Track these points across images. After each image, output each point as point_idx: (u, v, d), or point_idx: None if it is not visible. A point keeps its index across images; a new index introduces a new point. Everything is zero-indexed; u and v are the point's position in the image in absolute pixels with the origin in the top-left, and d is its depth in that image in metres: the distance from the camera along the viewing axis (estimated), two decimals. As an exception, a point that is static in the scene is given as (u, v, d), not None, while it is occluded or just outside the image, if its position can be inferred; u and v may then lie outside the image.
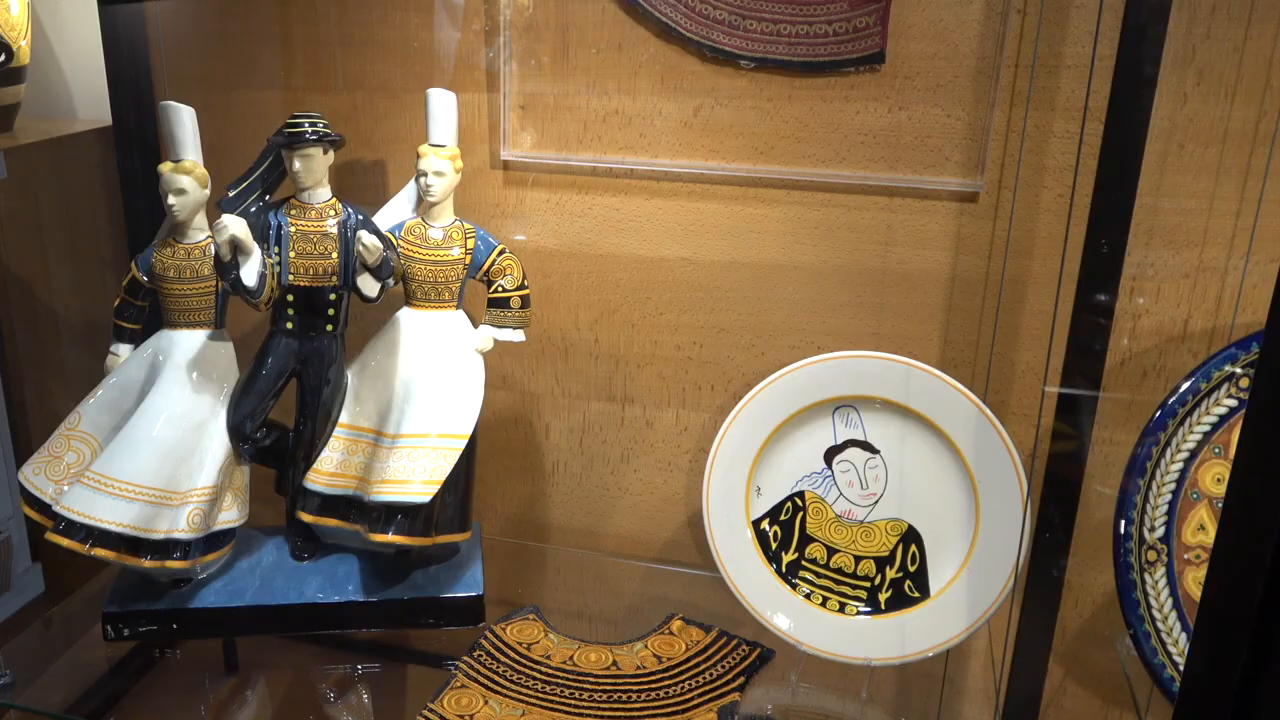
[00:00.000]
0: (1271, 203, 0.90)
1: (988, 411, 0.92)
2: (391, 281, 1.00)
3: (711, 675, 1.00)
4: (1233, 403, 0.85)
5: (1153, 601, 0.85)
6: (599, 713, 0.96)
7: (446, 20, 1.09)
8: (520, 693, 0.99)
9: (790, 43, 1.00)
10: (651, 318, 1.11)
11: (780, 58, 1.00)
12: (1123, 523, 0.84)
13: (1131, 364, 0.97)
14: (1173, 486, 0.85)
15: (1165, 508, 0.84)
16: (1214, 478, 0.85)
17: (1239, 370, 0.84)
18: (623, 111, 1.07)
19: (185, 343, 1.02)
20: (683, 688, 0.99)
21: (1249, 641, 0.63)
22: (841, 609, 0.98)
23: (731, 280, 1.08)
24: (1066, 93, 0.93)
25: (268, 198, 1.01)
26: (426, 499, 0.98)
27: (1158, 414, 0.85)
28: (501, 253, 1.03)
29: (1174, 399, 0.84)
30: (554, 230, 1.12)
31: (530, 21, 1.07)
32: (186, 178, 0.98)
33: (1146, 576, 0.84)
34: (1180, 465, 0.85)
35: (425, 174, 1.00)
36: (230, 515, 1.02)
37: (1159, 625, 0.85)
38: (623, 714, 0.96)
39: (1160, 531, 0.84)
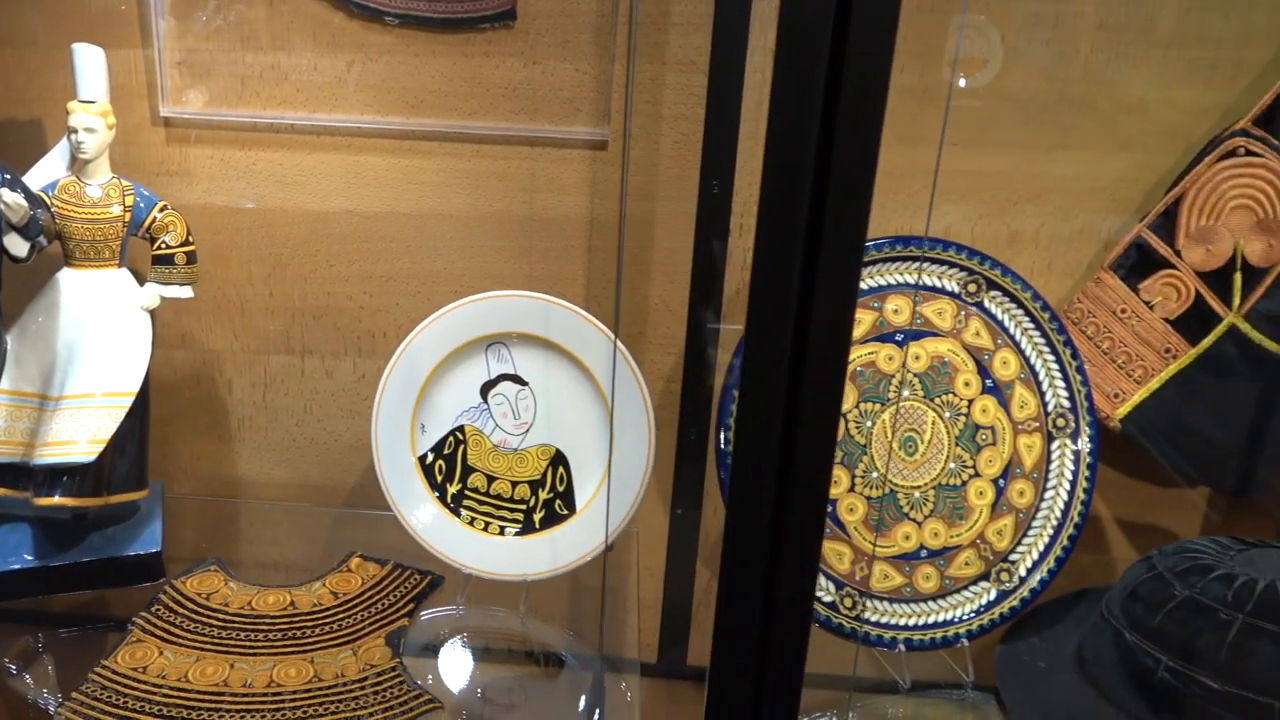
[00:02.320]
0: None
1: (617, 341, 1.01)
2: (43, 240, 0.99)
3: (383, 605, 1.05)
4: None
5: (753, 499, 0.96)
6: (273, 651, 1.00)
7: (100, -27, 1.08)
8: (196, 640, 1.01)
9: (430, 0, 1.04)
10: (322, 270, 1.14)
11: (422, 14, 1.05)
12: (722, 431, 0.95)
13: (745, 293, 1.08)
14: (765, 396, 0.96)
15: (759, 415, 0.95)
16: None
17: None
18: (279, 67, 1.09)
19: None
20: (355, 619, 1.04)
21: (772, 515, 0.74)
22: (501, 531, 1.05)
23: (394, 230, 1.12)
24: (675, 47, 1.02)
25: (-99, 159, 0.98)
26: (91, 458, 0.99)
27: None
28: (163, 209, 1.03)
29: (762, 319, 0.96)
30: (220, 186, 1.13)
31: (182, -24, 1.07)
32: None
33: (746, 477, 0.96)
34: (770, 377, 0.96)
35: (76, 131, 0.99)
36: (-117, 492, 0.99)
37: (759, 519, 0.96)
38: (295, 649, 1.00)
39: (756, 437, 0.95)
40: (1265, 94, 0.99)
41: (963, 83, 1.07)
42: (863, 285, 0.97)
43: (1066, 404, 0.99)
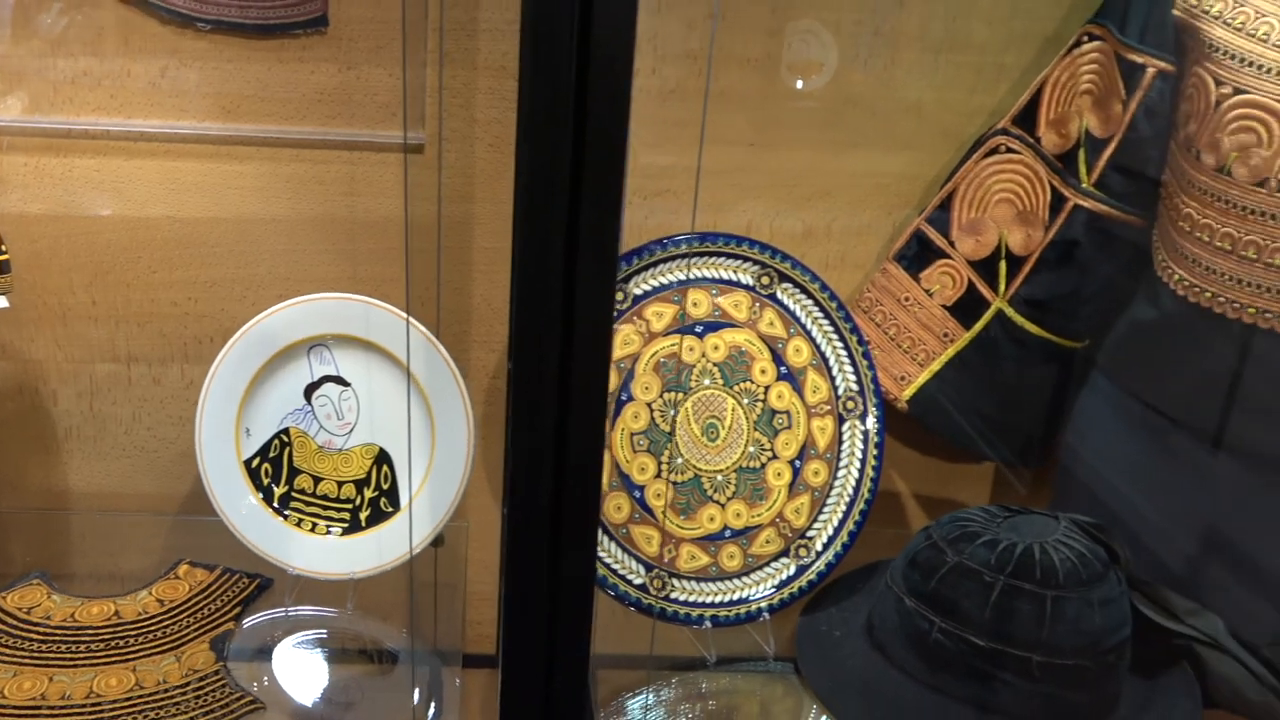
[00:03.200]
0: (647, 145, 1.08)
1: (434, 340, 1.03)
2: None
3: (210, 610, 1.06)
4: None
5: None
6: (94, 661, 0.99)
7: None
8: (14, 655, 1.00)
9: (241, 6, 1.05)
10: (145, 276, 1.14)
11: (234, 20, 1.05)
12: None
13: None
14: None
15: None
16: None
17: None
18: (92, 73, 1.08)
19: None
20: (181, 625, 1.04)
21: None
22: (329, 531, 1.07)
23: (217, 235, 1.13)
24: (485, 53, 1.05)
25: None
26: (-101, 474, 0.97)
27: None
28: (-27, 219, 1.02)
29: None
30: (36, 194, 1.11)
31: (-15, -18, 1.05)
32: None
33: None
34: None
35: (-125, 141, 0.98)
36: None
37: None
38: (118, 659, 1.00)
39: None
40: (1022, 95, 1.07)
41: (800, 84, 1.13)
42: (664, 280, 1.01)
43: (855, 388, 1.05)
